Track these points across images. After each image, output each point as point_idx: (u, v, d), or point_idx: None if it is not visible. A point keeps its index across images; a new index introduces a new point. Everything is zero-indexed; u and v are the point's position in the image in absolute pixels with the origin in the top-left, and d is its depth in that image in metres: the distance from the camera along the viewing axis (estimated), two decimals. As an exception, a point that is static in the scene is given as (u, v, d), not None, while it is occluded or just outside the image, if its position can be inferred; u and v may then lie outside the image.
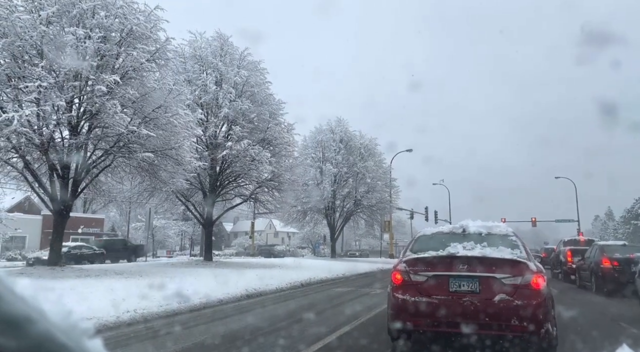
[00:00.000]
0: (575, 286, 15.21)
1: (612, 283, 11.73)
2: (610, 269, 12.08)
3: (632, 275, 10.38)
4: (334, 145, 37.32)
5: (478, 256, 5.03)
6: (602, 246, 14.05)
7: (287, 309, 8.84)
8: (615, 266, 11.98)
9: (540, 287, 4.77)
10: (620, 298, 10.97)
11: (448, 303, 4.81)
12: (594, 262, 13.27)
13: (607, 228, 76.02)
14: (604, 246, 14.04)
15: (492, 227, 5.95)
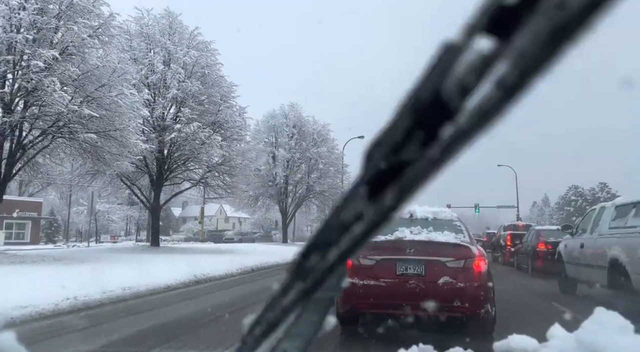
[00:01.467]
0: (514, 268, 16.07)
1: (546, 265, 12.26)
2: (545, 252, 12.72)
3: None
4: (287, 131, 37.17)
5: (424, 240, 5.19)
6: (538, 230, 14.93)
7: (236, 295, 8.78)
8: (549, 249, 12.55)
9: (481, 270, 4.99)
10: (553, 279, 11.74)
11: (395, 286, 4.94)
12: (531, 246, 14.06)
13: (544, 214, 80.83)
14: (540, 230, 14.91)
15: (438, 212, 6.15)
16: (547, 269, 11.62)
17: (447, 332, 4.73)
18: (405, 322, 4.77)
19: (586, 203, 59.51)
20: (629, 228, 7.28)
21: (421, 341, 1.48)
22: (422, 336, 3.53)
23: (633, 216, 7.30)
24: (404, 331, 4.59)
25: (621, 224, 7.63)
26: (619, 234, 7.53)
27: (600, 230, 8.34)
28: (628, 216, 7.49)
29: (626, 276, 6.85)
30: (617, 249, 7.26)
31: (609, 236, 7.86)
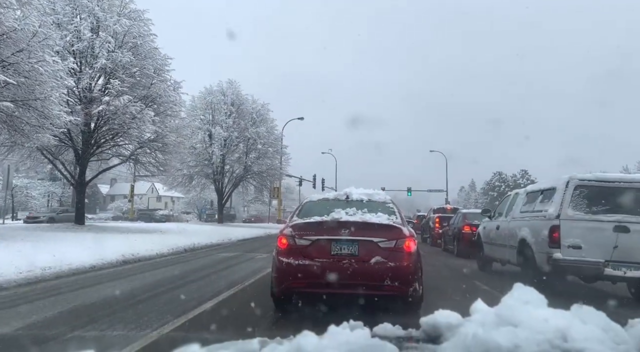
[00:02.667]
0: (441, 249, 16.91)
1: (471, 246, 12.77)
2: (470, 234, 13.33)
3: None
4: (224, 108, 36.22)
5: (358, 221, 5.31)
6: (464, 213, 15.74)
7: (167, 275, 8.53)
8: (473, 231, 13.09)
9: (411, 250, 5.19)
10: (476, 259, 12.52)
11: (329, 266, 5.01)
12: (457, 228, 14.85)
13: (470, 198, 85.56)
14: (466, 213, 15.71)
15: (373, 194, 6.31)
16: (471, 250, 12.28)
17: (378, 309, 4.90)
18: (337, 301, 4.88)
19: (508, 188, 63.74)
20: (535, 212, 7.95)
21: (352, 318, 1.50)
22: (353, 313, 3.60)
23: (540, 202, 8.01)
24: (336, 309, 4.69)
25: (530, 209, 8.33)
26: (528, 217, 8.22)
27: (513, 214, 9.07)
28: (536, 201, 8.21)
29: (532, 255, 7.53)
30: (526, 231, 7.93)
31: (520, 219, 8.54)
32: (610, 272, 6.61)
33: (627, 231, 6.63)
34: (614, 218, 6.75)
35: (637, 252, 6.58)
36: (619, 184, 7.13)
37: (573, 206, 7.01)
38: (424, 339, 1.33)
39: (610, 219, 6.75)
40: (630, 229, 6.63)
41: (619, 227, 6.66)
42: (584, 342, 1.08)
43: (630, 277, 6.62)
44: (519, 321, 1.22)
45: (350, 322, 1.49)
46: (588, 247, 6.69)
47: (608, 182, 7.15)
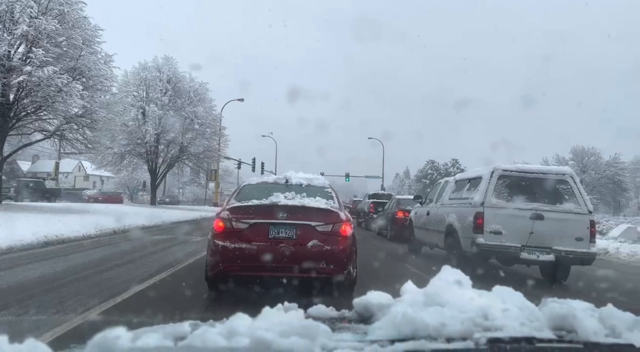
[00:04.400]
0: (375, 234, 17.39)
1: (404, 231, 13.17)
2: (403, 219, 13.79)
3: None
4: (160, 85, 34.65)
5: (297, 205, 5.35)
6: (398, 199, 16.31)
7: (94, 258, 8.13)
8: (407, 216, 13.46)
9: (347, 234, 5.31)
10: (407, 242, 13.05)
11: (266, 249, 5.02)
12: (391, 213, 15.38)
13: (404, 185, 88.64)
14: (400, 199, 16.25)
15: (312, 179, 6.36)
16: (404, 235, 12.72)
17: (313, 291, 4.98)
18: (273, 284, 4.90)
19: (440, 176, 66.71)
20: (462, 199, 8.47)
21: (287, 301, 1.51)
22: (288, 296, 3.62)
23: (467, 190, 8.54)
24: (272, 291, 4.71)
25: (458, 196, 8.87)
26: (456, 204, 8.73)
27: (442, 200, 9.61)
28: (464, 189, 8.75)
29: (457, 238, 8.03)
30: (453, 217, 8.42)
31: (448, 206, 9.06)
32: (525, 256, 7.16)
33: (541, 219, 7.18)
34: (531, 206, 7.28)
35: (550, 238, 7.15)
36: (537, 175, 7.70)
37: (496, 195, 7.48)
38: (356, 319, 1.36)
39: (528, 208, 7.28)
40: (544, 217, 7.19)
41: (535, 215, 7.19)
42: (503, 320, 1.15)
43: (542, 260, 7.20)
44: (446, 301, 1.29)
45: (284, 304, 1.49)
46: (507, 233, 7.19)
47: (527, 173, 7.70)
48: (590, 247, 7.29)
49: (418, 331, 1.05)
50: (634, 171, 55.71)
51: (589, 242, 7.27)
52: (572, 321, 1.14)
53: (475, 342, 0.97)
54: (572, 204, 7.44)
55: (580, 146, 52.92)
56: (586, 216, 7.39)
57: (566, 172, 7.90)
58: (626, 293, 5.92)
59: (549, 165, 17.49)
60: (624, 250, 13.73)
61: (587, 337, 1.07)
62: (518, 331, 1.07)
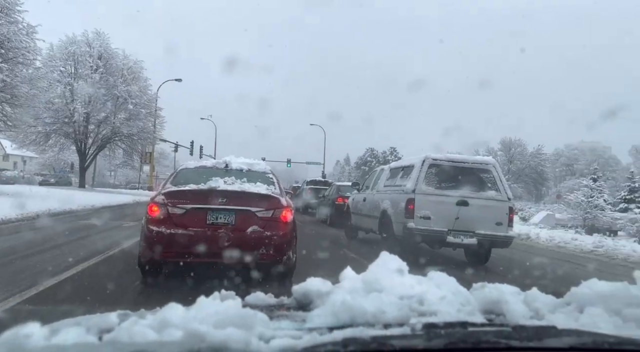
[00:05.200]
0: (315, 219, 17.61)
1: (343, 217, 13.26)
2: (342, 205, 13.88)
3: None
4: (90, 61, 32.54)
5: (237, 191, 5.26)
6: (338, 185, 16.59)
7: (14, 243, 7.56)
8: (346, 202, 13.47)
9: (288, 220, 5.29)
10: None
11: (204, 235, 4.91)
12: (331, 199, 15.71)
13: (345, 172, 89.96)
14: (340, 185, 16.53)
15: (253, 164, 6.28)
16: (343, 220, 12.87)
17: (252, 278, 4.93)
18: (211, 271, 4.79)
19: (379, 164, 68.38)
20: (396, 186, 8.83)
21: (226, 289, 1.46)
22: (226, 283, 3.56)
23: (400, 177, 8.92)
24: (209, 279, 4.61)
25: (392, 183, 9.23)
26: (390, 190, 9.10)
27: (378, 187, 9.95)
28: (397, 176, 9.13)
29: (390, 223, 8.40)
30: (387, 203, 8.78)
31: (383, 192, 9.42)
32: (451, 240, 7.65)
33: (466, 205, 7.67)
34: (457, 193, 7.78)
35: (473, 223, 7.64)
36: (463, 164, 8.23)
37: (426, 182, 7.94)
38: (295, 306, 1.35)
39: (454, 194, 7.76)
40: (469, 203, 7.68)
41: (461, 201, 7.67)
42: (437, 305, 1.18)
43: (466, 243, 7.71)
44: (384, 287, 1.30)
45: (221, 292, 1.45)
46: (436, 218, 7.63)
47: (455, 162, 8.19)
48: (508, 232, 7.87)
49: (357, 317, 1.06)
50: (553, 162, 60.13)
51: (507, 226, 7.84)
52: (501, 305, 1.19)
53: (411, 328, 0.98)
54: (494, 192, 8.00)
55: (508, 138, 56.24)
56: (506, 203, 7.95)
57: (489, 162, 8.45)
58: (546, 276, 6.40)
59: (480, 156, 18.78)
60: (543, 235, 14.86)
61: (515, 320, 1.12)
62: (452, 315, 1.11)
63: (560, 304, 1.28)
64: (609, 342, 0.91)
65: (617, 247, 11.99)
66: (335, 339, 0.91)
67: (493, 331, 1.00)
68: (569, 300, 1.28)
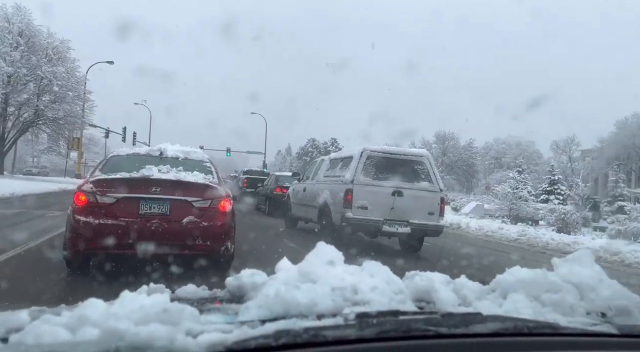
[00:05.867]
0: (253, 209, 17.51)
1: (281, 206, 13.76)
2: (281, 195, 14.24)
3: None
4: (9, 38, 29.95)
5: (172, 180, 5.08)
6: (277, 176, 16.84)
7: None
8: (284, 192, 13.86)
9: (226, 210, 5.20)
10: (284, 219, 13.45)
11: (136, 225, 4.72)
12: (270, 189, 15.93)
13: (286, 161, 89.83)
14: (278, 176, 16.81)
15: (190, 152, 6.09)
16: (281, 210, 13.20)
17: (187, 271, 4.80)
18: (143, 264, 4.60)
19: (320, 154, 68.91)
20: (335, 177, 9.04)
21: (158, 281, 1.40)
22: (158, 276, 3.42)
23: (340, 168, 9.13)
24: (140, 272, 4.42)
25: (332, 174, 9.43)
26: (329, 181, 9.29)
27: (318, 178, 10.10)
28: (337, 167, 9.34)
29: (329, 213, 8.58)
30: (326, 193, 8.96)
31: (323, 183, 9.59)
32: (387, 229, 7.95)
33: (401, 195, 7.98)
34: (392, 184, 8.06)
35: (407, 212, 7.97)
36: (399, 156, 8.55)
37: (364, 173, 8.14)
38: (228, 299, 1.31)
39: (390, 185, 8.05)
40: (404, 194, 7.99)
41: (396, 192, 7.97)
42: (371, 294, 1.19)
43: (401, 232, 8.05)
44: (319, 277, 1.30)
45: (150, 285, 1.38)
46: (372, 208, 7.88)
47: (391, 154, 8.50)
48: (440, 221, 8.29)
49: (290, 309, 1.04)
50: (483, 155, 63.54)
51: (438, 216, 8.26)
52: (431, 293, 1.23)
53: (344, 318, 0.98)
54: (427, 183, 8.37)
55: (442, 131, 58.65)
56: (438, 194, 8.35)
57: (423, 155, 8.87)
58: (475, 263, 6.75)
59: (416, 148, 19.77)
60: (473, 225, 15.71)
61: (444, 307, 1.16)
62: (384, 304, 1.12)
63: (486, 291, 1.34)
64: (528, 326, 0.96)
65: (538, 235, 12.93)
66: (267, 331, 0.89)
67: (423, 318, 1.02)
68: (494, 287, 1.34)
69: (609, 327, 1.06)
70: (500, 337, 0.93)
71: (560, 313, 1.15)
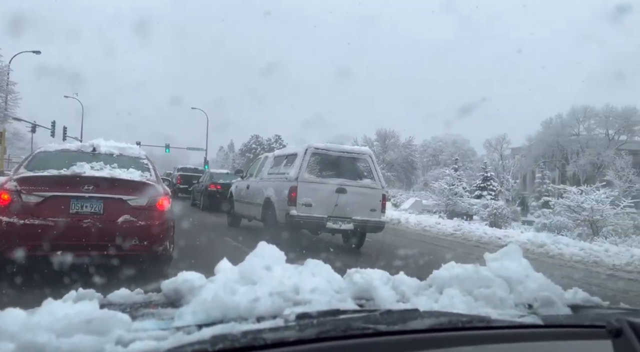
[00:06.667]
0: (189, 205, 18.04)
1: (216, 202, 14.77)
2: (215, 191, 15.39)
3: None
4: None
5: (106, 177, 4.86)
6: (212, 173, 17.67)
7: None
8: (218, 189, 15.29)
9: (164, 209, 5.04)
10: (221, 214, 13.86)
11: (66, 226, 4.48)
12: (204, 186, 16.63)
13: (229, 158, 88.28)
14: (213, 173, 17.64)
15: (125, 148, 5.86)
16: (216, 206, 14.31)
17: (122, 273, 4.58)
18: (74, 267, 4.34)
19: (264, 151, 68.33)
20: (279, 174, 9.05)
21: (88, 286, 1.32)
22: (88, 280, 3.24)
23: (284, 165, 9.15)
24: (70, 276, 4.16)
25: (276, 171, 9.43)
26: (273, 178, 9.28)
27: (262, 175, 10.07)
28: (281, 164, 9.35)
29: (273, 211, 8.60)
30: (270, 191, 8.95)
31: (267, 180, 9.57)
32: (330, 226, 8.07)
33: (345, 192, 8.13)
34: (336, 181, 8.22)
35: (350, 209, 8.14)
36: (342, 154, 8.71)
37: (309, 170, 8.23)
38: (164, 303, 1.26)
39: (334, 182, 8.19)
40: (347, 191, 8.15)
41: (340, 189, 8.11)
42: (312, 293, 1.19)
43: (344, 229, 8.22)
44: (260, 278, 1.28)
45: (78, 291, 1.30)
46: (316, 205, 7.98)
47: (334, 152, 8.63)
48: (381, 217, 8.53)
49: (228, 312, 1.01)
50: (422, 153, 65.79)
51: (380, 212, 8.50)
52: (371, 291, 1.24)
53: (284, 320, 0.97)
54: (369, 180, 8.59)
55: (383, 129, 60.07)
56: (379, 191, 8.59)
57: (365, 152, 9.06)
58: (413, 258, 6.98)
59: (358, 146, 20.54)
60: (412, 220, 16.25)
61: (384, 304, 1.18)
62: (325, 304, 1.12)
63: (424, 286, 1.38)
64: (462, 321, 1.00)
65: (472, 230, 13.60)
66: (203, 337, 0.86)
67: (362, 317, 1.03)
68: (430, 282, 1.39)
69: (535, 318, 1.13)
70: (436, 332, 0.96)
71: (491, 306, 1.21)
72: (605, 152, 43.90)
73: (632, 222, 16.83)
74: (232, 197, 11.65)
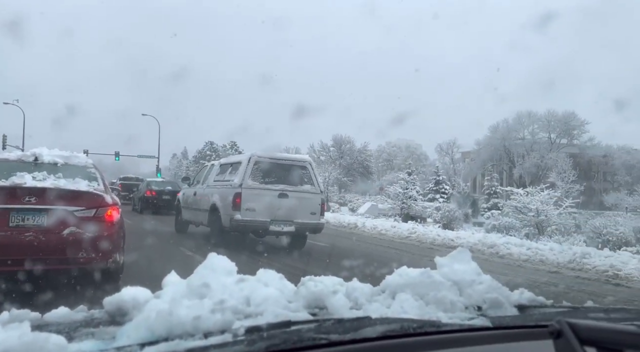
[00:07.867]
0: (130, 210, 18.99)
1: (151, 207, 17.98)
2: (151, 197, 18.28)
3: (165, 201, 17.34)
4: None
5: (49, 188, 4.62)
6: (149, 181, 20.17)
7: None
8: (154, 195, 18.28)
9: (113, 219, 4.85)
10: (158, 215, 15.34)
11: (6, 240, 4.22)
12: (142, 192, 19.05)
13: (182, 165, 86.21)
14: (150, 181, 20.19)
15: (71, 157, 5.59)
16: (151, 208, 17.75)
17: (63, 289, 4.34)
18: (10, 284, 4.07)
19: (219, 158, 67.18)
20: (225, 181, 9.36)
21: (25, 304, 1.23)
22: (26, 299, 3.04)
23: (229, 173, 9.44)
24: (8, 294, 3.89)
25: (221, 178, 9.71)
26: (219, 185, 9.58)
27: (208, 182, 10.30)
28: (227, 172, 9.64)
29: (219, 217, 8.89)
30: (216, 197, 9.29)
31: (213, 187, 9.85)
32: (274, 229, 8.53)
33: (286, 197, 8.58)
34: (279, 187, 8.69)
35: (292, 213, 8.57)
36: (284, 161, 9.30)
37: (252, 177, 8.65)
38: (106, 321, 1.19)
39: (276, 188, 8.66)
40: (289, 196, 8.61)
41: (282, 194, 8.59)
42: (264, 304, 1.16)
43: (286, 231, 8.71)
44: (210, 291, 1.23)
45: (11, 312, 1.21)
46: (260, 210, 8.40)
47: (276, 160, 9.19)
48: (320, 219, 9.05)
49: (174, 329, 0.96)
50: (377, 158, 66.91)
51: (319, 215, 8.95)
52: (324, 299, 1.23)
53: (233, 334, 0.94)
54: (309, 186, 9.08)
55: (339, 135, 60.62)
56: (319, 195, 9.12)
57: (306, 160, 9.55)
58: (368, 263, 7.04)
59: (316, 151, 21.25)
60: (369, 224, 16.45)
61: (337, 312, 1.16)
62: (277, 315, 1.09)
63: (376, 292, 1.38)
64: (413, 327, 1.00)
65: (426, 232, 13.92)
66: (146, 357, 0.81)
67: (314, 327, 1.01)
68: (383, 288, 1.39)
69: (483, 320, 1.15)
70: (388, 339, 0.96)
71: (442, 310, 1.22)
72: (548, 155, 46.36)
73: (573, 222, 17.80)
74: (179, 204, 11.71)
